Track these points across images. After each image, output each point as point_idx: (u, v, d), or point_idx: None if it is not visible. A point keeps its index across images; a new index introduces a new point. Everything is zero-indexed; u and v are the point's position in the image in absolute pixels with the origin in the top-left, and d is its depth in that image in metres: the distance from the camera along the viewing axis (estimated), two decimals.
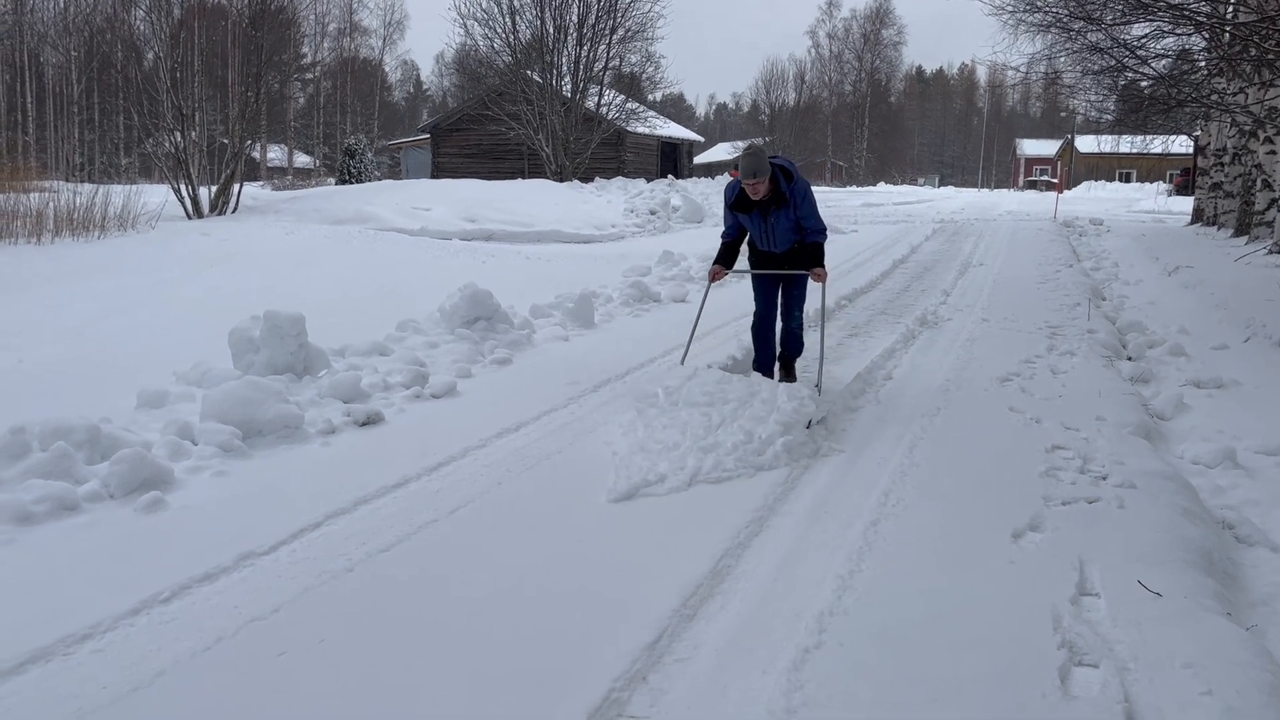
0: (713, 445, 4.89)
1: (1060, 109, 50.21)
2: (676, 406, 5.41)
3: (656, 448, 4.91)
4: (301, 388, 5.97)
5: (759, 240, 6.29)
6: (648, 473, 4.59)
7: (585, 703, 2.71)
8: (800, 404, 5.27)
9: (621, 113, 32.73)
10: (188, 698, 2.75)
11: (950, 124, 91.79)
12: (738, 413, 5.26)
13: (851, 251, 16.31)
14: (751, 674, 2.87)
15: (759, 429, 5.05)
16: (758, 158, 5.85)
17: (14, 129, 37.93)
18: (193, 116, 21.03)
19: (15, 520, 3.88)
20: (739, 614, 3.26)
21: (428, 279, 11.50)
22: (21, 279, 10.82)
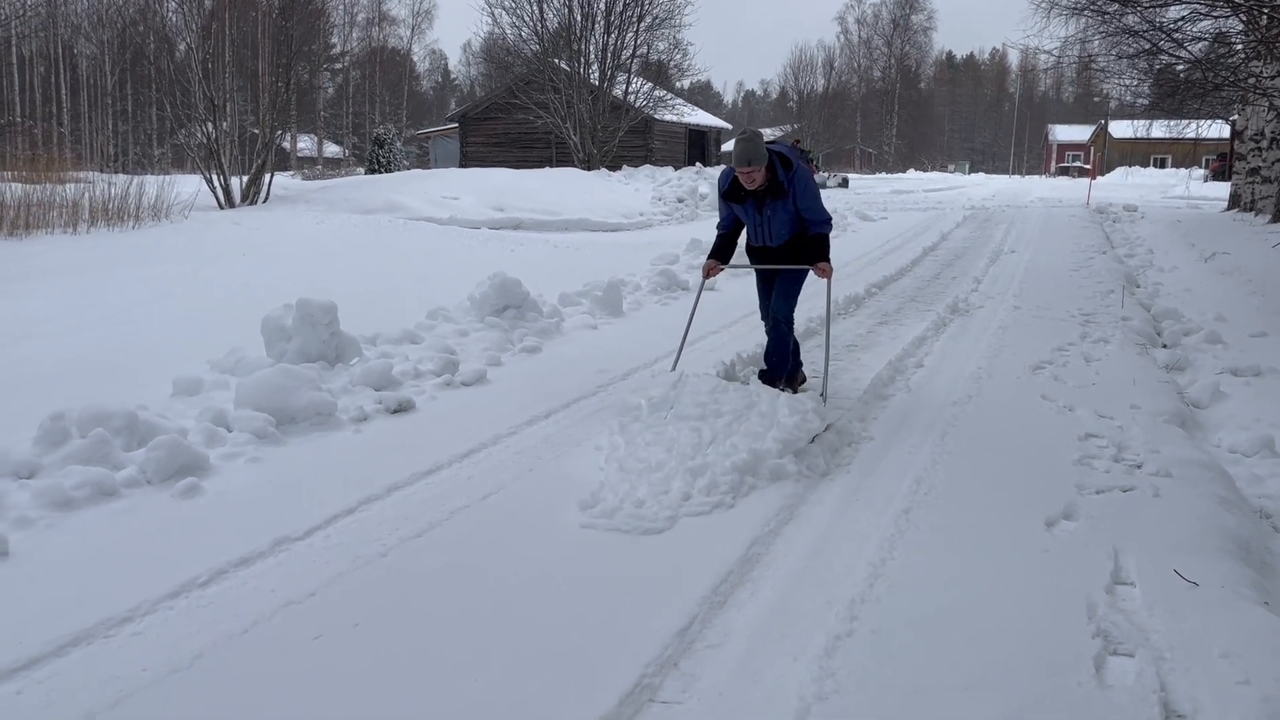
0: (702, 466, 4.34)
1: (1094, 94, 49.58)
2: (664, 420, 4.89)
3: (638, 468, 4.42)
4: (334, 375, 6.02)
5: (752, 234, 5.74)
6: (624, 498, 4.13)
7: (618, 688, 2.72)
8: (803, 418, 4.71)
9: (649, 100, 32.63)
10: (226, 680, 2.78)
11: (981, 110, 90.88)
12: (732, 427, 4.71)
13: (882, 239, 16.21)
14: (782, 660, 2.87)
15: (755, 447, 4.50)
16: (751, 143, 5.30)
17: (49, 120, 38.43)
18: (224, 107, 21.22)
19: (56, 505, 3.95)
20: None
21: (457, 268, 11.56)
22: (59, 268, 10.98)
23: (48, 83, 45.50)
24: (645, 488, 4.22)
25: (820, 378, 5.70)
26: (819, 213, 5.56)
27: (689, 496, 4.16)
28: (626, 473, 4.40)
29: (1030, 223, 20.23)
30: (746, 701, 2.67)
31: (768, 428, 4.67)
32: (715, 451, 4.49)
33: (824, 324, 6.51)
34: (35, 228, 14.44)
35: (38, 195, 15.45)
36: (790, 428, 4.64)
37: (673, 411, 4.92)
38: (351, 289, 9.22)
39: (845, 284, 10.63)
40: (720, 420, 4.77)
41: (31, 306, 8.56)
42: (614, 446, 4.77)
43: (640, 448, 4.65)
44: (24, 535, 3.71)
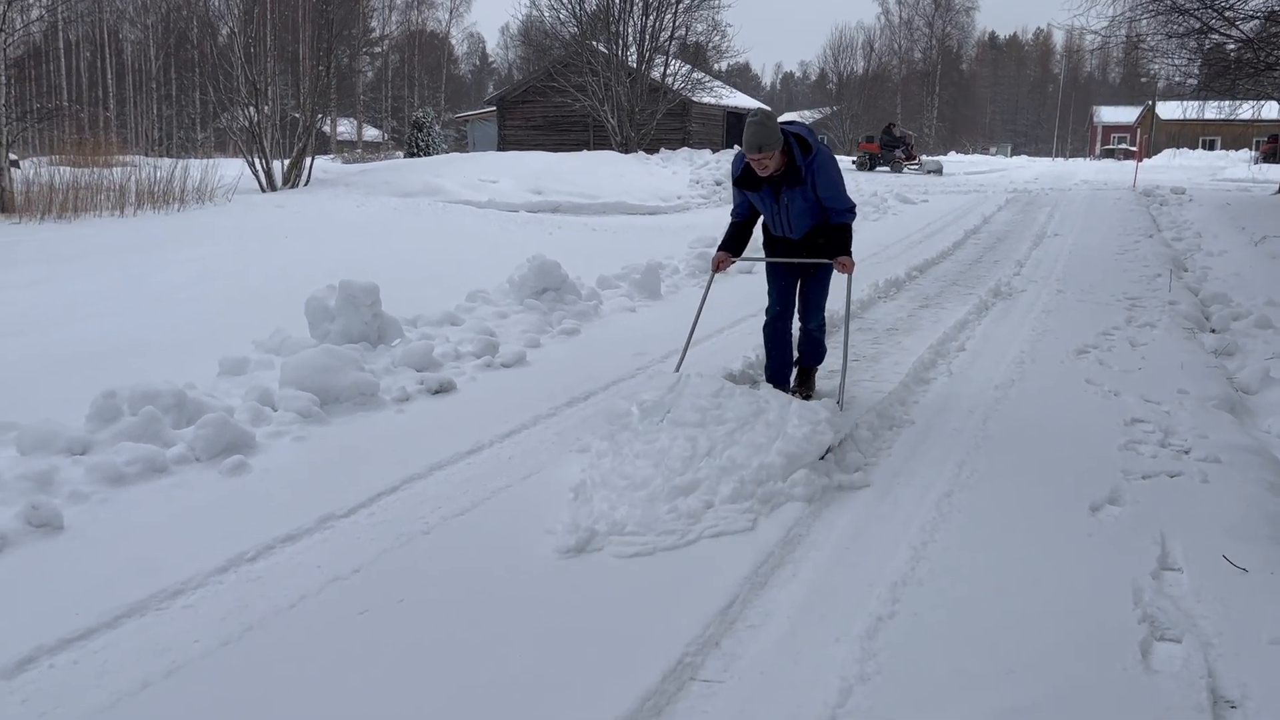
0: (691, 485, 3.91)
1: (1141, 74, 48.58)
2: (658, 427, 4.39)
3: (621, 484, 3.97)
4: (376, 356, 6.08)
5: (771, 224, 5.25)
6: (597, 521, 3.69)
7: (660, 666, 2.74)
8: (814, 429, 4.24)
9: (687, 83, 32.48)
10: (275, 653, 2.84)
11: (1024, 91, 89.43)
12: (734, 437, 4.23)
13: (922, 222, 16.05)
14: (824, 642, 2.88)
15: (756, 461, 4.07)
16: (763, 127, 4.73)
17: (96, 105, 39.01)
18: (265, 91, 21.41)
19: (109, 481, 4.04)
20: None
21: (496, 250, 11.61)
22: (107, 250, 11.18)
23: (94, 68, 46.18)
24: (625, 508, 3.77)
25: (840, 383, 5.14)
26: (842, 200, 5.03)
27: (672, 521, 3.70)
28: (608, 489, 3.97)
29: (1074, 206, 19.92)
30: (788, 681, 2.68)
31: (773, 438, 4.20)
32: (709, 466, 4.02)
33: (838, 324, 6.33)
34: (84, 210, 14.70)
35: (85, 179, 15.73)
36: (799, 440, 4.15)
37: (669, 417, 4.42)
38: (392, 271, 9.30)
39: (885, 267, 10.55)
40: (721, 429, 4.28)
41: (82, 287, 8.73)
42: (599, 455, 4.32)
43: (627, 460, 4.18)
44: (78, 510, 3.80)
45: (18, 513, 3.61)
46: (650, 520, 3.69)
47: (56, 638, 2.88)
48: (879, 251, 12.26)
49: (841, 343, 5.38)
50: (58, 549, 3.50)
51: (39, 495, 3.77)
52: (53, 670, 2.74)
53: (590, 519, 3.69)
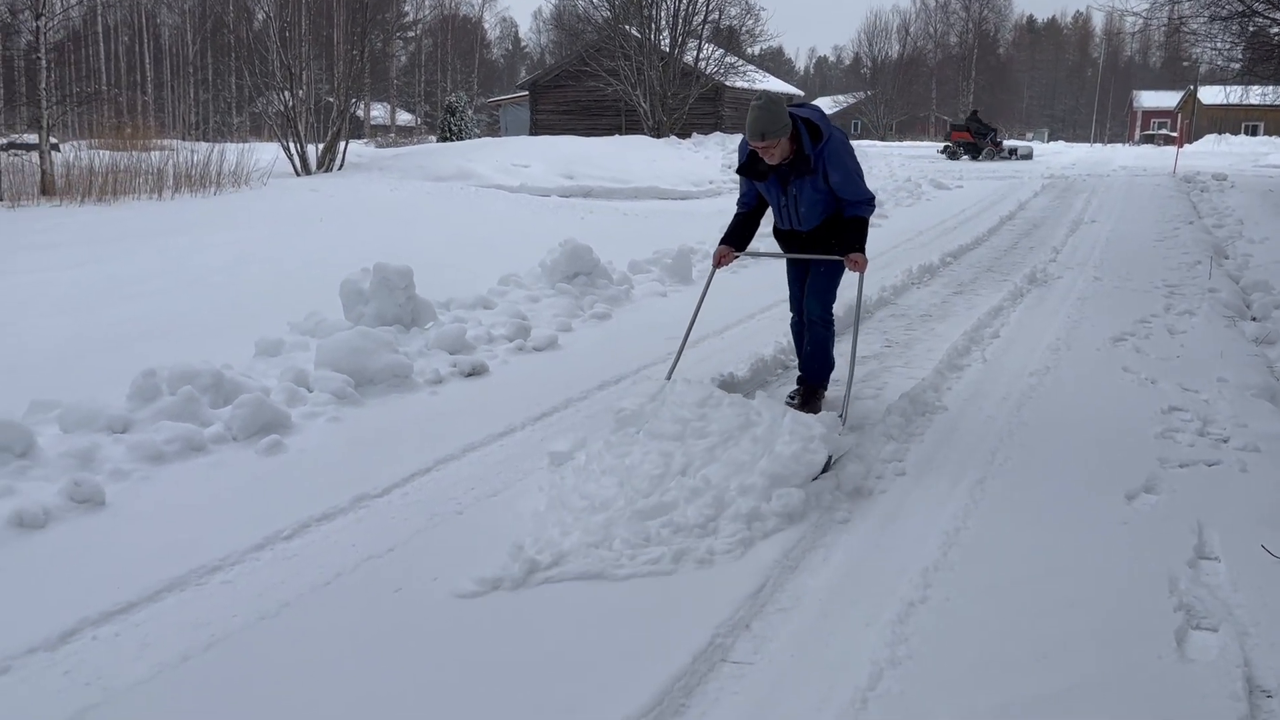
0: (656, 509, 3.49)
1: (1182, 58, 47.72)
2: (632, 439, 4.01)
3: (580, 505, 3.59)
4: (409, 339, 6.13)
5: (778, 216, 4.85)
6: (542, 550, 3.27)
7: (691, 647, 2.75)
8: (804, 448, 3.76)
9: (720, 67, 32.31)
10: (311, 628, 2.88)
11: (1062, 76, 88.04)
12: (714, 453, 3.83)
13: (957, 207, 15.90)
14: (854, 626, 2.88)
15: (735, 482, 3.63)
16: (767, 112, 4.31)
17: (134, 89, 39.44)
18: (300, 75, 21.56)
19: (149, 459, 4.10)
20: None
21: (528, 234, 11.65)
22: (146, 232, 11.33)
23: (132, 52, 46.68)
24: (578, 534, 3.37)
25: (845, 393, 4.62)
26: (857, 191, 4.60)
27: (631, 549, 3.31)
28: (566, 510, 3.58)
29: (1113, 192, 19.64)
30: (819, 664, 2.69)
31: (759, 456, 3.78)
32: (681, 486, 3.62)
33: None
34: (122, 193, 14.90)
35: (125, 162, 15.93)
36: (786, 459, 3.71)
37: (645, 428, 4.04)
38: (425, 254, 9.35)
39: (919, 253, 10.47)
40: (701, 443, 3.87)
41: (121, 269, 8.86)
42: (562, 474, 3.95)
43: (592, 476, 3.79)
44: (120, 487, 3.87)
45: (61, 489, 3.69)
46: (597, 551, 3.28)
47: (99, 610, 2.94)
48: (913, 237, 12.16)
49: (851, 350, 4.77)
50: (100, 524, 3.57)
51: (81, 472, 3.84)
52: (95, 642, 2.80)
53: (535, 547, 3.28)
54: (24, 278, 8.34)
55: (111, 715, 2.47)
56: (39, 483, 3.79)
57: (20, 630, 2.82)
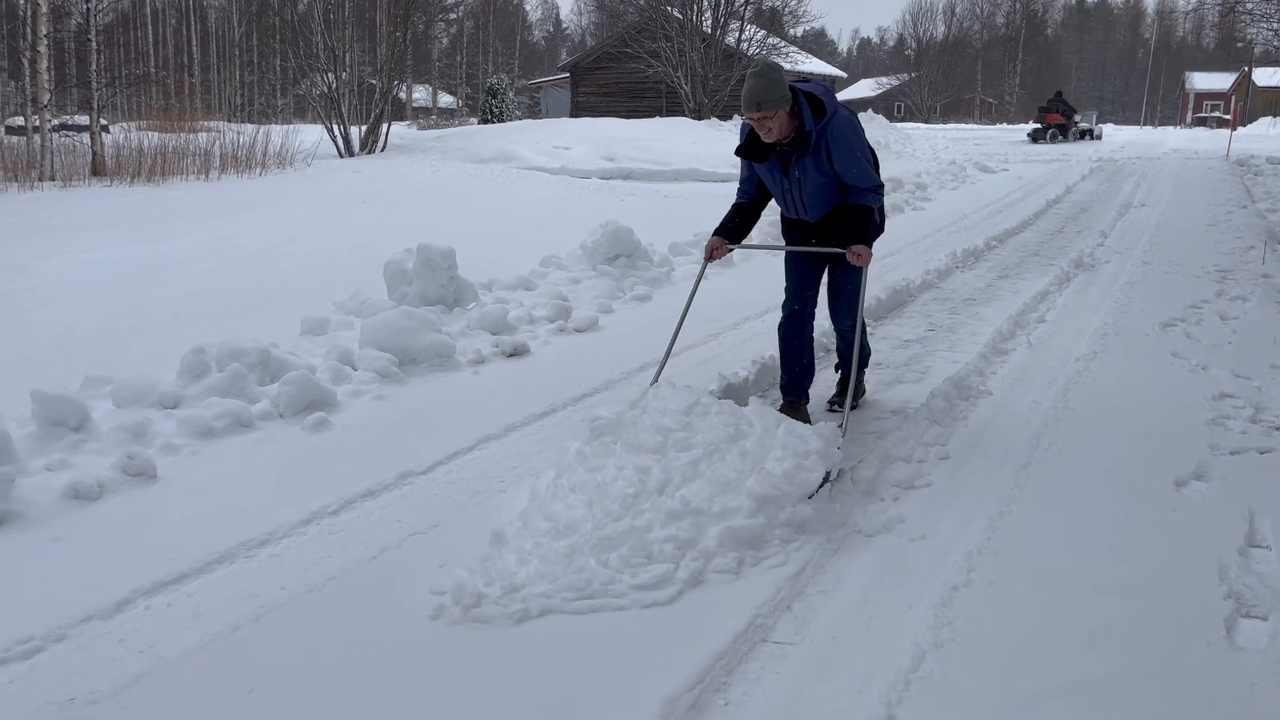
0: (624, 534, 3.11)
1: (1237, 39, 46.52)
2: (609, 450, 3.66)
3: (544, 528, 3.24)
4: (452, 319, 6.17)
5: (782, 203, 4.41)
6: (491, 582, 2.94)
7: (731, 627, 2.76)
8: (798, 465, 3.42)
9: (762, 48, 32.05)
10: (358, 603, 2.92)
11: (1112, 57, 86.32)
12: (697, 469, 3.45)
13: (1001, 191, 15.68)
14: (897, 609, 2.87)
15: (718, 504, 3.26)
16: (765, 79, 3.90)
17: (181, 71, 39.94)
18: (344, 58, 21.71)
19: (198, 434, 4.18)
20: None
21: (568, 216, 11.66)
22: (194, 213, 11.50)
23: (179, 34, 47.27)
24: (536, 563, 3.04)
25: (845, 402, 4.25)
26: (864, 177, 4.17)
27: (588, 584, 2.93)
28: (529, 534, 3.24)
29: (1163, 175, 19.26)
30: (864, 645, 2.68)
31: (747, 473, 3.40)
32: (656, 508, 3.24)
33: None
34: (170, 174, 15.12)
35: (172, 144, 16.17)
36: (777, 478, 3.35)
37: (623, 439, 3.68)
38: (467, 236, 9.40)
39: (963, 236, 10.36)
40: (684, 457, 3.51)
41: (171, 248, 9.01)
42: (534, 493, 3.58)
43: (560, 494, 3.44)
44: (170, 461, 3.95)
45: (114, 462, 3.77)
46: (553, 584, 2.94)
47: (152, 581, 3.01)
48: (957, 220, 12.02)
49: (854, 356, 4.35)
50: (152, 497, 3.65)
51: (134, 446, 3.92)
52: (148, 611, 2.87)
53: (484, 579, 2.96)
54: (77, 256, 8.51)
55: (164, 683, 2.52)
56: (93, 456, 3.88)
57: (76, 599, 2.89)
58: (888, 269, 8.46)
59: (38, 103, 15.47)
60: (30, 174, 14.45)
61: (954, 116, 62.83)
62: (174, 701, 2.44)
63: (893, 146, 25.15)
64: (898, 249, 9.64)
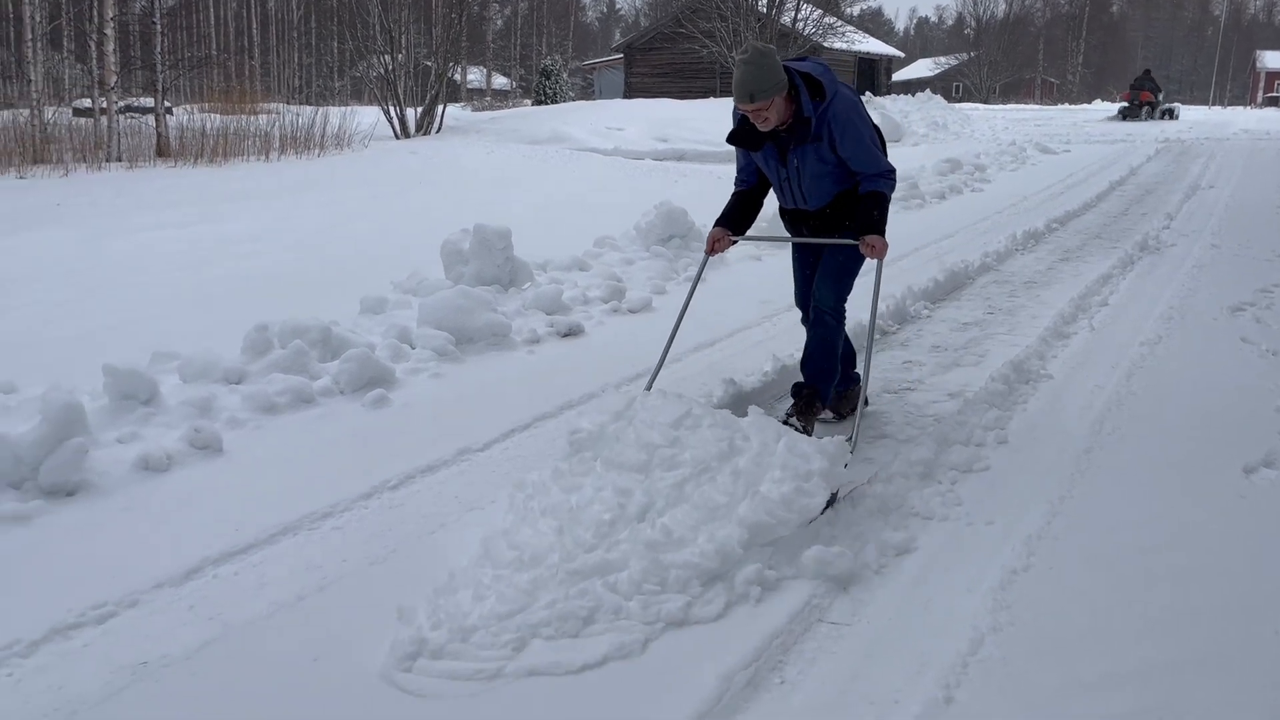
0: (597, 568, 2.80)
1: None
2: (589, 467, 3.32)
3: (508, 557, 2.92)
4: (507, 299, 6.22)
5: (780, 193, 4.10)
6: (440, 624, 2.62)
7: (787, 608, 2.76)
8: (798, 489, 3.05)
9: (818, 28, 31.65)
10: (419, 575, 2.96)
11: (1179, 35, 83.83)
12: (684, 490, 3.10)
13: (1063, 172, 15.35)
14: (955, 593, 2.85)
15: (703, 534, 2.92)
16: (757, 66, 3.53)
17: (241, 54, 40.56)
18: (400, 39, 21.87)
19: (262, 409, 4.27)
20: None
21: (621, 197, 11.66)
22: (255, 193, 11.70)
23: (240, 17, 47.96)
24: (493, 601, 2.70)
25: (856, 410, 3.85)
26: (873, 162, 3.81)
27: (546, 628, 2.61)
28: (490, 563, 2.93)
29: (1232, 156, 18.71)
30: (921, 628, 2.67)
31: (740, 496, 3.05)
32: (634, 538, 2.91)
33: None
34: (232, 155, 15.39)
35: (234, 126, 16.45)
36: (775, 503, 2.98)
37: (604, 455, 3.33)
38: (521, 217, 9.44)
39: (1023, 218, 10.18)
40: (670, 476, 3.15)
41: (233, 228, 9.19)
42: (512, 502, 3.30)
43: (530, 518, 3.13)
44: (235, 435, 4.04)
45: (182, 435, 3.87)
46: (498, 636, 2.59)
47: (219, 550, 3.09)
48: (1016, 202, 11.81)
49: (865, 358, 3.92)
50: (218, 469, 3.74)
51: (201, 420, 4.02)
52: (216, 580, 2.95)
53: (432, 620, 2.63)
54: (144, 235, 8.71)
55: (232, 649, 2.59)
56: (162, 429, 3.98)
57: (148, 566, 2.98)
58: (945, 251, 8.35)
59: (104, 85, 15.82)
60: (98, 155, 14.79)
61: (1014, 97, 61.58)
62: (241, 667, 2.51)
63: (950, 127, 24.73)
64: (955, 231, 9.51)
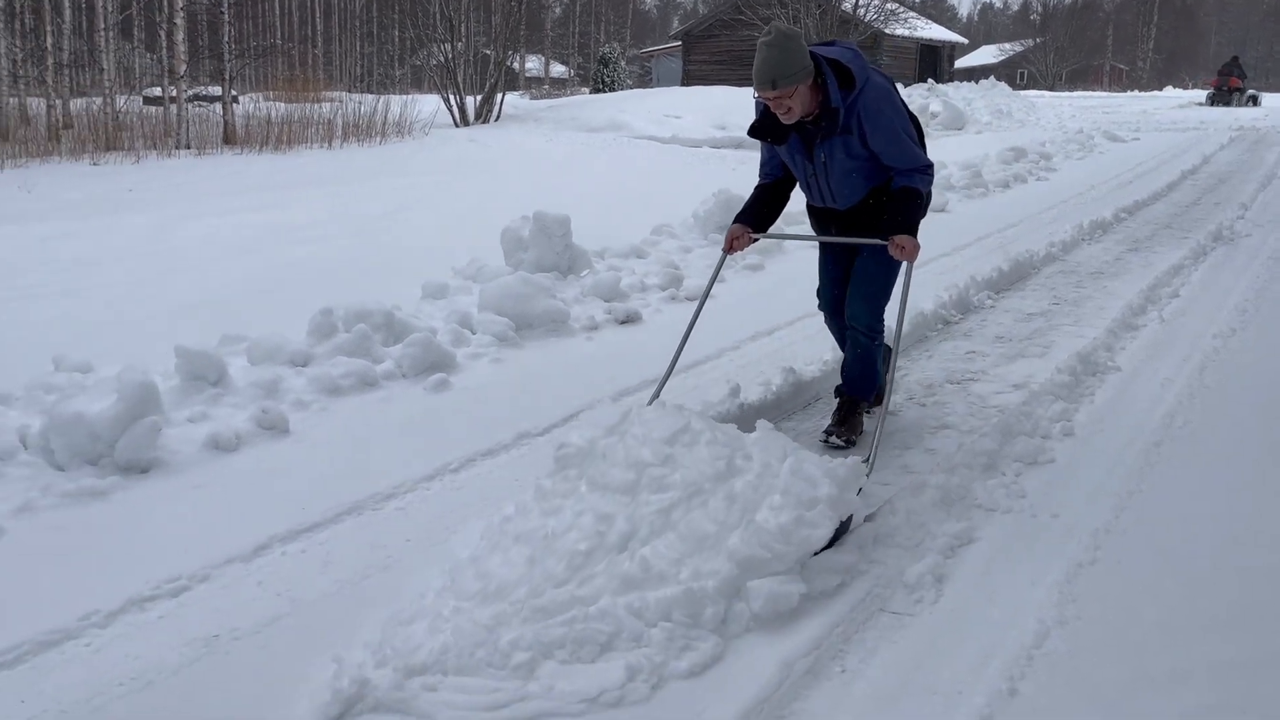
0: (565, 605, 2.53)
1: None
2: (573, 486, 3.00)
3: (473, 589, 2.65)
4: (566, 286, 6.25)
5: (807, 190, 3.81)
6: (384, 663, 2.39)
7: (850, 598, 2.75)
8: (798, 520, 2.72)
9: (880, 14, 31.27)
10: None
11: (1255, 19, 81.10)
12: (670, 517, 2.77)
13: (1132, 161, 14.99)
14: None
15: (687, 568, 2.63)
16: (780, 50, 3.26)
17: (305, 43, 41.18)
18: (460, 28, 22.04)
19: (326, 391, 4.35)
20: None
21: (679, 185, 11.63)
22: (318, 180, 11.90)
23: (304, 7, 48.69)
24: (448, 635, 2.45)
25: (876, 429, 3.48)
26: (907, 156, 3.50)
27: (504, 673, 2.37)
28: (453, 593, 2.67)
29: None
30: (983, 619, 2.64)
31: (733, 525, 2.73)
32: (610, 572, 2.62)
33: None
34: (296, 143, 15.65)
35: (298, 114, 16.72)
36: (772, 534, 2.67)
37: (589, 475, 2.99)
38: (580, 204, 9.46)
39: (1090, 208, 9.96)
40: (658, 499, 2.82)
41: (297, 214, 9.36)
42: (488, 529, 3.03)
43: (503, 543, 2.85)
44: (301, 416, 4.12)
45: (250, 415, 3.96)
46: (452, 677, 2.35)
47: (287, 528, 3.16)
48: (1083, 191, 11.56)
49: (889, 369, 3.70)
50: (284, 450, 3.82)
51: (268, 401, 4.11)
52: (284, 557, 3.01)
53: (376, 658, 2.41)
54: (213, 221, 8.91)
55: (299, 624, 2.65)
56: (230, 409, 4.07)
57: (218, 542, 3.05)
58: (1009, 240, 8.21)
59: (174, 74, 16.17)
60: (167, 142, 15.15)
61: (1081, 83, 60.20)
62: (309, 643, 2.56)
63: (1015, 115, 24.27)
64: (1019, 220, 9.34)
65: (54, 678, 2.41)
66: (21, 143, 14.26)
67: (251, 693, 2.35)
